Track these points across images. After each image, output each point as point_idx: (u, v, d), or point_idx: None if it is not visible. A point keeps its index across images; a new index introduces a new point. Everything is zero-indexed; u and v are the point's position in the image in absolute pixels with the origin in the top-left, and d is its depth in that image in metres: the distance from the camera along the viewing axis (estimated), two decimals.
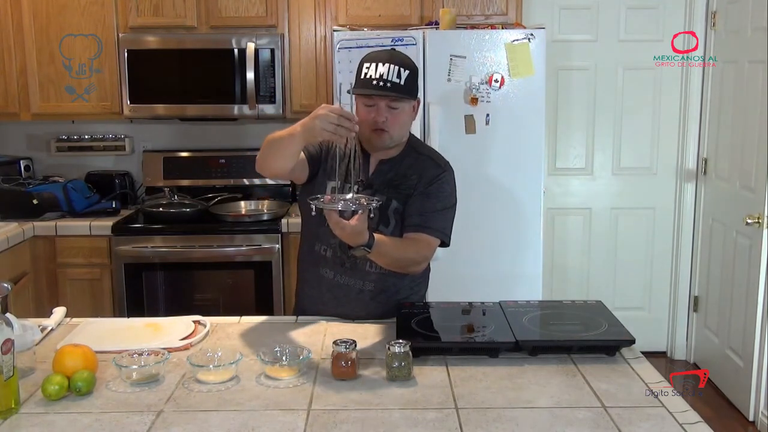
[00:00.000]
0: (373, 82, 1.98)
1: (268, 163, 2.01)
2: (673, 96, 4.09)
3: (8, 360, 1.47)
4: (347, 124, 1.83)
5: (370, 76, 1.99)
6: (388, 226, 2.11)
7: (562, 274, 4.21)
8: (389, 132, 2.05)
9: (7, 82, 3.67)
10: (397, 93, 2.00)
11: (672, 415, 1.49)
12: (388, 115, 2.03)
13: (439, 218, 2.11)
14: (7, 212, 3.47)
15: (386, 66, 1.98)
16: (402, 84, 2.00)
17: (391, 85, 1.98)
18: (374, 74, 1.98)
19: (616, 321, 1.92)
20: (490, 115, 3.25)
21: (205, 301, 3.54)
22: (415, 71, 2.05)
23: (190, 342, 1.88)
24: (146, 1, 3.61)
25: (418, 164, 2.14)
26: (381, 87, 1.98)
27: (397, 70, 1.99)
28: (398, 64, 2.00)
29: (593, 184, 4.18)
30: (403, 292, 2.18)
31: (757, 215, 3.35)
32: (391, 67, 1.98)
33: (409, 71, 2.02)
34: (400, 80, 1.99)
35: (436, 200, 2.11)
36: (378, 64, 1.99)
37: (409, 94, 2.04)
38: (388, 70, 1.98)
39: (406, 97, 2.03)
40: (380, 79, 1.98)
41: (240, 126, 4.01)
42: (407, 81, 2.01)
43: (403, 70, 2.00)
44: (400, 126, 2.07)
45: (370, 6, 3.60)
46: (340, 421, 1.46)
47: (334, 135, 1.84)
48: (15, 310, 1.92)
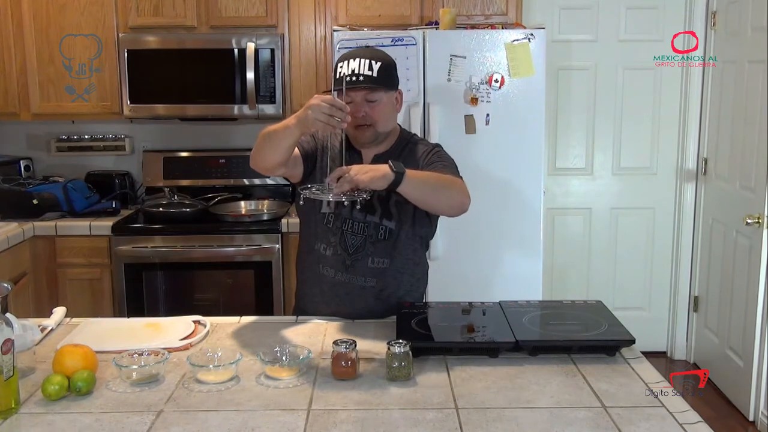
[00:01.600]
0: (346, 79, 2.00)
1: (262, 155, 2.00)
2: (673, 96, 4.09)
3: (8, 360, 1.47)
4: (339, 114, 1.83)
5: (343, 74, 2.01)
6: (392, 219, 2.11)
7: (562, 274, 4.21)
8: (373, 125, 2.06)
9: (7, 82, 3.67)
10: (369, 83, 2.01)
11: (672, 415, 1.49)
12: (366, 109, 2.04)
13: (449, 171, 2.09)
14: (7, 212, 3.47)
15: (357, 61, 2.01)
16: (374, 75, 2.01)
17: (363, 78, 2.00)
18: (347, 71, 2.01)
19: (616, 321, 1.92)
20: (490, 115, 3.25)
21: (205, 301, 3.54)
22: (389, 63, 2.07)
23: (190, 342, 1.88)
24: (146, 1, 3.61)
25: (411, 151, 2.16)
26: (353, 81, 2.00)
27: (368, 63, 2.01)
28: (370, 58, 2.02)
29: (593, 184, 4.18)
30: (404, 287, 2.19)
31: (757, 215, 3.35)
32: (362, 61, 2.01)
33: (382, 63, 2.03)
34: (372, 72, 2.00)
35: (438, 163, 2.11)
36: (349, 61, 2.02)
37: (384, 84, 2.05)
38: (359, 65, 2.00)
39: (379, 87, 2.03)
40: (352, 74, 2.00)
41: (240, 126, 4.01)
42: (380, 72, 2.02)
43: (375, 62, 2.02)
44: (383, 118, 2.08)
45: (370, 6, 3.60)
46: (340, 421, 1.46)
47: (327, 125, 1.84)
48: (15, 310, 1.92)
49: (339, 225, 2.12)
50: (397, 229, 2.12)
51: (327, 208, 2.12)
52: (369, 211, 2.10)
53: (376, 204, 2.10)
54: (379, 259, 2.12)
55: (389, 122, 2.13)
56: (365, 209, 2.07)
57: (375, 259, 2.11)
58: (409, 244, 2.16)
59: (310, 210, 2.15)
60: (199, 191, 3.85)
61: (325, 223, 2.13)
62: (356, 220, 2.11)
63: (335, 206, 2.10)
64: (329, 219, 2.13)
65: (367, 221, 2.11)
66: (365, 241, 2.11)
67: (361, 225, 2.11)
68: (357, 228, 2.11)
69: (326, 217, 2.13)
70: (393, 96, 2.10)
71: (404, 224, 2.12)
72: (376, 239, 2.11)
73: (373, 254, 2.12)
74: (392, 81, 2.09)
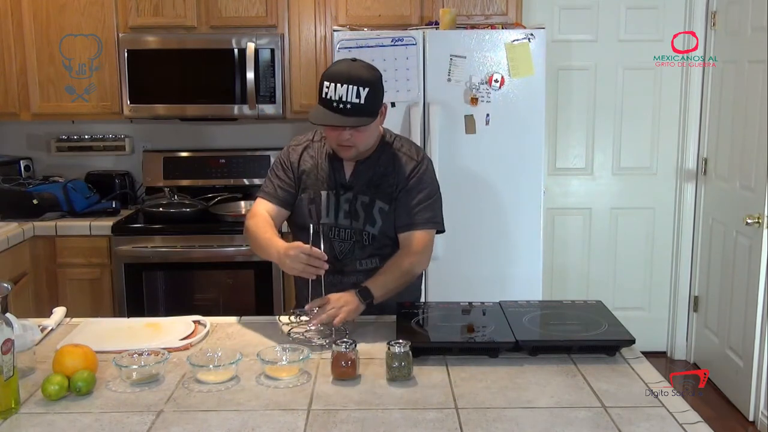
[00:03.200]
0: (333, 104, 1.96)
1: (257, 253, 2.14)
2: (673, 96, 4.09)
3: (8, 360, 1.47)
4: (316, 263, 1.89)
5: (330, 97, 1.97)
6: (375, 225, 2.13)
7: (562, 274, 4.21)
8: (355, 147, 2.08)
9: (7, 82, 3.67)
10: (357, 117, 1.98)
11: (672, 415, 1.49)
12: (351, 133, 2.03)
13: (425, 210, 2.13)
14: (7, 212, 3.47)
15: (344, 87, 1.95)
16: (362, 103, 1.96)
17: (351, 107, 1.95)
18: (334, 95, 1.96)
19: (616, 321, 1.92)
20: (490, 115, 3.25)
21: (205, 301, 3.54)
22: (376, 85, 2.00)
23: (190, 342, 1.88)
24: (146, 1, 3.61)
25: (395, 162, 2.16)
26: (341, 110, 1.95)
27: (356, 90, 1.95)
28: (357, 84, 1.95)
29: (593, 184, 4.18)
30: None
31: (757, 215, 3.35)
32: (349, 88, 1.95)
33: (369, 88, 1.97)
34: (360, 99, 1.95)
35: (417, 192, 2.13)
36: (337, 85, 1.96)
37: (371, 114, 2.01)
38: (347, 92, 1.95)
39: (366, 119, 2.01)
40: (339, 101, 1.95)
41: (240, 126, 4.01)
42: (368, 99, 1.96)
43: (362, 88, 1.95)
44: (366, 141, 2.10)
45: (370, 6, 3.60)
46: (340, 421, 1.46)
47: (303, 273, 1.91)
48: (15, 310, 1.92)
49: (326, 233, 2.14)
50: (380, 234, 2.14)
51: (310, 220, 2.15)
52: (354, 218, 2.14)
53: (360, 211, 2.13)
54: (368, 260, 2.16)
55: (371, 141, 2.13)
56: (350, 215, 2.13)
57: (364, 261, 2.16)
58: (396, 247, 2.17)
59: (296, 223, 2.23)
60: (199, 191, 3.85)
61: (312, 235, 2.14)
62: (342, 227, 2.14)
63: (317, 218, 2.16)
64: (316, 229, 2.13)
65: (353, 227, 2.14)
66: (353, 246, 2.15)
67: (348, 231, 2.14)
68: (344, 234, 2.15)
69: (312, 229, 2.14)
70: (377, 120, 2.08)
71: (388, 230, 2.15)
72: (363, 244, 2.14)
73: (361, 257, 2.15)
74: (377, 105, 2.04)
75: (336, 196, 2.14)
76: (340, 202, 2.14)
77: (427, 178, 2.17)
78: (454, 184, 3.09)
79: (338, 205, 2.14)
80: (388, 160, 2.16)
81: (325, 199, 2.14)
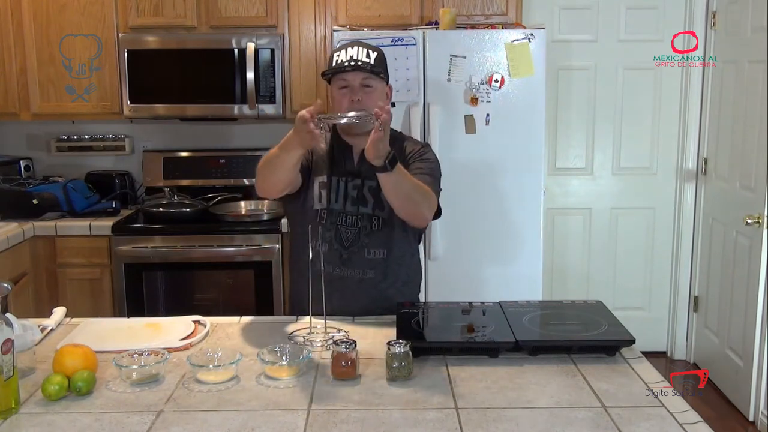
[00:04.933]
0: (344, 64, 2.08)
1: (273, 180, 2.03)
2: (673, 96, 4.09)
3: (8, 360, 1.47)
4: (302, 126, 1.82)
5: (341, 60, 2.09)
6: (384, 209, 2.13)
7: (562, 274, 4.21)
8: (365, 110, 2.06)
9: (7, 82, 3.67)
10: (369, 69, 2.08)
11: (672, 415, 1.49)
12: (362, 94, 2.08)
13: (427, 176, 2.12)
14: (7, 212, 3.47)
15: (355, 48, 2.10)
16: (372, 63, 2.09)
17: (362, 63, 2.07)
18: (345, 57, 2.09)
19: (616, 321, 1.92)
20: (490, 115, 3.25)
21: (205, 301, 3.54)
22: (383, 56, 2.15)
23: (190, 342, 1.88)
24: (146, 1, 3.61)
25: (399, 147, 2.18)
26: (353, 66, 2.07)
27: (366, 51, 2.10)
28: (366, 47, 2.11)
29: (593, 184, 4.18)
30: (402, 278, 2.21)
31: (757, 215, 3.35)
32: (359, 49, 2.10)
33: (377, 53, 2.12)
34: (369, 59, 2.09)
35: (421, 164, 2.16)
36: (347, 49, 2.10)
37: (380, 73, 2.12)
38: (357, 52, 2.09)
39: (377, 75, 2.10)
40: (350, 60, 2.08)
41: (240, 126, 4.01)
42: (376, 61, 2.10)
43: (371, 51, 2.11)
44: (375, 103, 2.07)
45: (370, 6, 3.60)
46: (340, 421, 1.46)
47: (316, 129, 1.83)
48: (15, 310, 1.92)
49: (333, 220, 2.14)
50: (389, 218, 2.14)
51: (319, 204, 2.15)
52: (361, 203, 2.14)
53: (368, 195, 2.14)
54: (375, 250, 2.15)
55: None
56: (357, 201, 2.13)
57: (372, 251, 2.14)
58: (404, 235, 2.19)
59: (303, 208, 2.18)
60: (199, 191, 3.85)
61: (318, 219, 2.15)
62: (349, 214, 2.14)
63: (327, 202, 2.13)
64: (322, 215, 2.15)
65: (360, 213, 2.14)
66: (359, 233, 2.14)
67: (354, 218, 2.14)
68: (350, 221, 2.14)
69: (319, 214, 2.15)
70: (385, 88, 2.17)
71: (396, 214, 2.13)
72: (370, 230, 2.14)
73: (368, 245, 2.14)
74: (386, 72, 2.16)
75: (345, 182, 2.15)
76: (348, 188, 2.15)
77: (431, 157, 2.21)
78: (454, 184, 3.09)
79: (346, 191, 2.15)
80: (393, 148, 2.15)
81: (335, 185, 2.15)
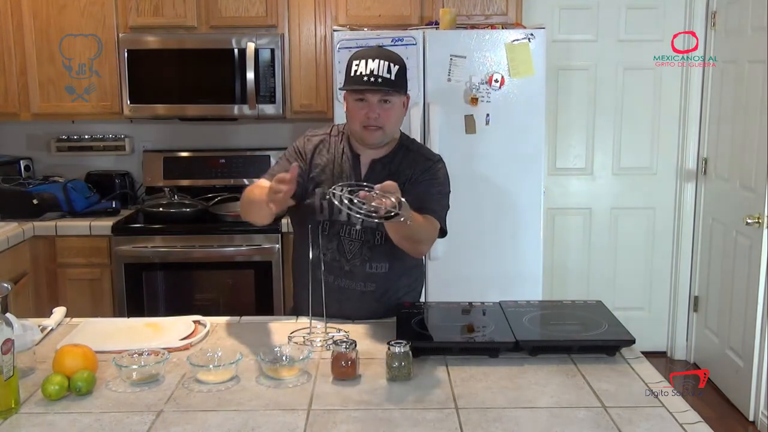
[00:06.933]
0: (363, 78, 2.00)
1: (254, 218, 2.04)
2: (673, 96, 4.09)
3: (8, 360, 1.47)
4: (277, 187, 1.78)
5: (361, 73, 2.00)
6: None
7: (562, 274, 4.21)
8: (383, 128, 2.06)
9: (7, 82, 3.67)
10: (389, 87, 2.01)
11: (672, 415, 1.49)
12: (380, 111, 2.03)
13: (436, 202, 2.10)
14: (7, 212, 3.47)
15: (376, 62, 2.00)
16: (393, 79, 2.01)
17: (382, 80, 1.99)
18: (364, 70, 2.00)
19: (616, 321, 1.92)
20: (490, 115, 3.25)
21: (205, 301, 3.54)
22: (404, 67, 2.06)
23: (190, 342, 1.88)
24: (146, 1, 3.61)
25: (410, 159, 2.15)
26: (372, 82, 1.99)
27: (387, 65, 2.00)
28: (387, 60, 2.02)
29: (593, 184, 4.18)
30: (403, 289, 2.19)
31: (757, 215, 3.35)
32: (380, 63, 2.00)
33: (399, 66, 2.03)
34: (390, 75, 2.00)
35: (430, 185, 2.11)
36: (368, 60, 2.00)
37: (401, 89, 2.05)
38: (378, 66, 1.99)
39: (397, 92, 2.04)
40: (371, 75, 1.99)
41: (240, 126, 4.01)
42: (397, 76, 2.02)
43: (393, 65, 2.02)
44: (393, 122, 2.08)
45: (370, 6, 3.60)
46: (340, 421, 1.46)
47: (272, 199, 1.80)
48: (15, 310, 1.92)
49: (336, 231, 2.11)
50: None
51: (321, 216, 2.11)
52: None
53: None
54: (377, 264, 2.11)
55: (397, 126, 2.13)
56: None
57: (374, 264, 2.11)
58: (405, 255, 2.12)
59: (306, 216, 2.14)
60: (199, 191, 3.85)
61: (321, 229, 2.12)
62: (353, 226, 2.10)
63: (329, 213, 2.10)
64: (325, 225, 2.11)
65: (364, 226, 2.09)
66: (362, 246, 2.10)
67: (359, 231, 2.10)
68: (354, 234, 2.10)
69: (322, 224, 2.12)
70: (403, 100, 2.11)
71: None
72: (374, 244, 2.10)
73: (371, 259, 2.11)
74: (405, 85, 2.09)
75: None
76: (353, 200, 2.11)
77: (441, 175, 2.16)
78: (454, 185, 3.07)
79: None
80: (403, 159, 2.14)
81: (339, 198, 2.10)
